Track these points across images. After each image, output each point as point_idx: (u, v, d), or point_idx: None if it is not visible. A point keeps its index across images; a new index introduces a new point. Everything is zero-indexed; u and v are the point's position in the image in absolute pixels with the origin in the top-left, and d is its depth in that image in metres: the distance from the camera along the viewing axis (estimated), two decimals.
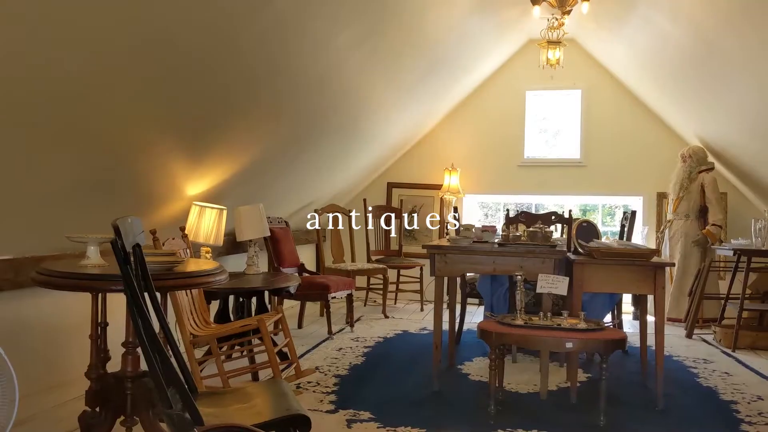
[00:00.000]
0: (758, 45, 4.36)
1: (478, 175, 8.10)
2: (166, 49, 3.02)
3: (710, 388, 4.41)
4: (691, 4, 4.71)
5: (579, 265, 4.04)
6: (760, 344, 5.69)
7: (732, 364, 5.13)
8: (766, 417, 3.80)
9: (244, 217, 4.97)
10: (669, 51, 5.73)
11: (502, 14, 6.19)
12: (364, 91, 5.40)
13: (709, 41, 4.94)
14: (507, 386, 4.28)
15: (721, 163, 7.03)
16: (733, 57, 4.82)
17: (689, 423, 3.71)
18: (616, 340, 3.52)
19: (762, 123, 5.36)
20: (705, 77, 5.60)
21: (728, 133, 6.24)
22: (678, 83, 6.32)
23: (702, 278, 6.42)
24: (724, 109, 5.84)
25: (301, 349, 5.18)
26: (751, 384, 4.53)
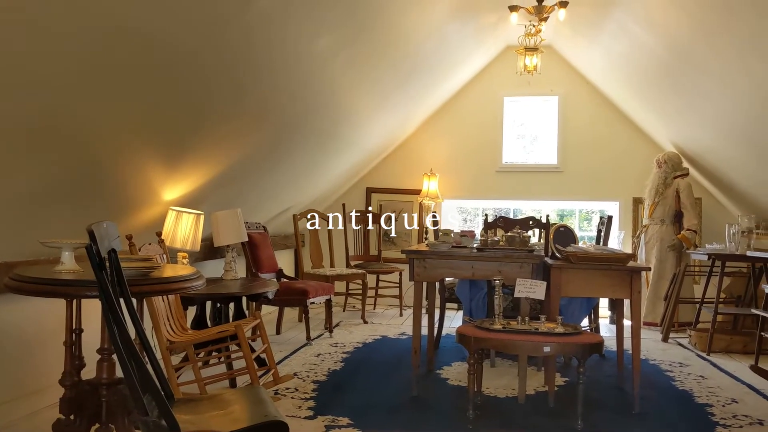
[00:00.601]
0: (731, 53, 4.44)
1: (456, 180, 8.13)
2: (142, 53, 2.99)
3: (686, 392, 4.46)
4: (664, 13, 4.77)
5: (556, 270, 4.06)
6: (734, 348, 5.77)
7: (707, 367, 5.19)
8: (741, 420, 3.85)
9: (222, 222, 4.93)
10: (644, 58, 5.80)
11: (480, 20, 6.23)
12: (344, 95, 5.40)
13: (682, 49, 5.01)
14: (485, 391, 4.29)
15: (695, 168, 7.13)
16: (707, 64, 4.89)
17: (665, 426, 3.75)
18: (593, 344, 3.54)
19: (735, 129, 5.44)
20: (679, 84, 5.68)
21: (702, 139, 6.33)
22: (653, 90, 6.41)
23: (677, 282, 6.49)
24: (698, 116, 5.92)
25: (279, 355, 5.15)
26: (725, 387, 4.58)
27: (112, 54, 2.85)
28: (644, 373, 4.65)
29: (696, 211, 6.96)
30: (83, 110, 3.04)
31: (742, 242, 5.85)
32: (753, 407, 4.10)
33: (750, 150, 5.50)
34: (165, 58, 3.16)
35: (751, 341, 5.60)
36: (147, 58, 3.05)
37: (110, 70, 2.94)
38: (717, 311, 5.73)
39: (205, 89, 3.70)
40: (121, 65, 2.96)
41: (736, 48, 4.33)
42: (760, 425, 3.76)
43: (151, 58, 3.08)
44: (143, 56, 3.01)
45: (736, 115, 5.18)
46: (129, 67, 3.01)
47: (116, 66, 2.94)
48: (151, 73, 3.18)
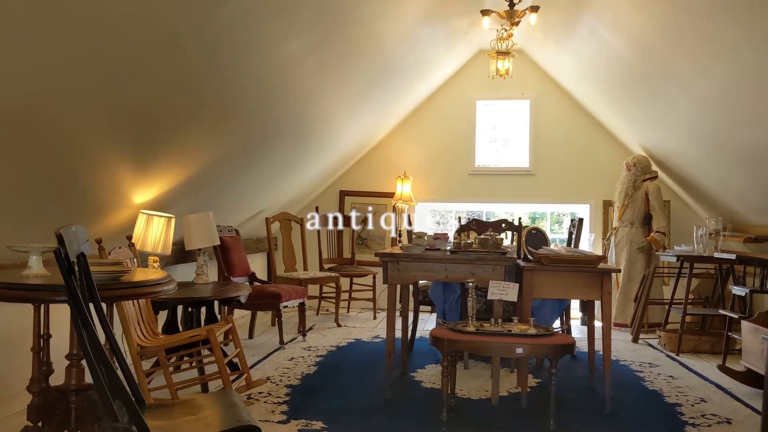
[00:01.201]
0: (697, 58, 4.52)
1: (430, 183, 8.16)
2: (112, 51, 2.95)
3: (655, 391, 4.52)
4: (633, 19, 4.85)
5: (529, 272, 4.10)
6: (703, 348, 5.87)
7: (676, 367, 5.27)
8: (709, 419, 3.92)
9: (193, 226, 4.89)
10: (613, 63, 5.88)
11: (452, 24, 6.27)
12: (316, 98, 5.39)
13: (651, 54, 5.09)
14: (459, 393, 4.30)
15: (664, 171, 7.25)
16: (674, 70, 4.98)
17: (636, 426, 3.80)
18: (565, 345, 3.58)
19: (702, 133, 5.54)
20: (648, 88, 5.77)
21: (670, 142, 6.43)
22: (622, 94, 6.50)
23: (647, 284, 6.59)
24: (666, 120, 6.02)
25: (252, 360, 5.12)
26: (694, 387, 4.66)
27: (80, 54, 2.81)
28: (615, 373, 4.70)
29: (665, 214, 7.07)
30: (50, 111, 2.99)
31: (709, 244, 5.95)
32: (721, 406, 4.17)
33: (716, 153, 5.60)
34: (135, 59, 3.12)
35: (719, 341, 5.70)
36: (116, 58, 3.02)
37: (78, 70, 2.90)
38: (685, 312, 5.83)
39: (177, 91, 3.67)
40: (90, 65, 2.93)
41: (701, 54, 4.41)
42: (728, 424, 3.83)
43: (121, 58, 3.04)
44: (112, 56, 2.98)
45: (703, 120, 5.28)
46: (97, 67, 2.97)
47: (84, 66, 2.90)
48: (120, 73, 3.15)
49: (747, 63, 4.03)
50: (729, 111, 4.76)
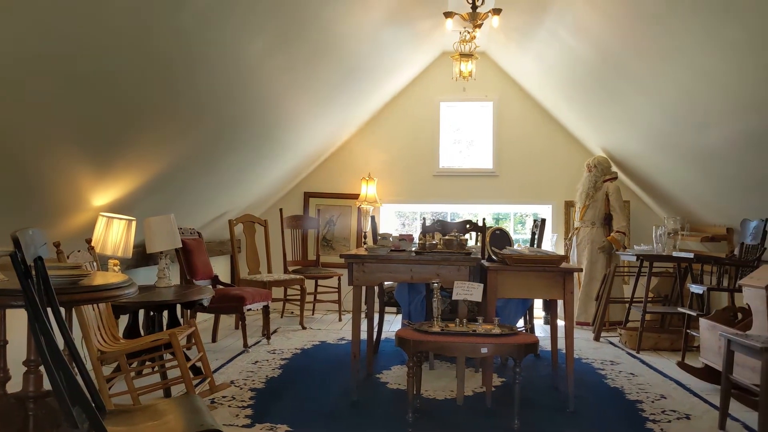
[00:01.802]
0: (656, 61, 4.61)
1: (394, 184, 8.18)
2: (67, 51, 2.89)
3: (617, 389, 4.60)
4: (594, 22, 4.92)
5: (493, 272, 4.13)
6: (662, 345, 5.98)
7: (637, 365, 5.37)
8: (669, 414, 3.99)
9: (155, 228, 4.82)
10: (573, 65, 5.97)
11: (416, 26, 6.29)
12: (279, 99, 5.35)
13: (610, 57, 5.18)
14: (424, 393, 4.32)
15: (624, 172, 7.38)
16: (634, 72, 5.07)
17: (598, 423, 3.85)
18: (529, 345, 3.61)
19: (660, 135, 5.66)
20: (608, 91, 5.87)
21: (629, 144, 6.55)
22: (583, 96, 6.60)
23: (608, 283, 6.69)
24: (626, 122, 6.13)
25: (215, 363, 5.06)
26: (654, 383, 4.74)
27: (32, 54, 2.74)
28: (578, 371, 4.77)
29: (624, 214, 7.20)
30: (4, 111, 2.92)
31: (668, 243, 6.07)
32: (680, 402, 4.26)
33: (673, 154, 5.72)
34: (93, 58, 3.06)
35: (678, 339, 5.82)
36: (72, 57, 2.95)
37: (30, 70, 2.83)
38: (645, 310, 5.93)
39: (136, 91, 3.61)
40: (45, 64, 2.86)
41: (659, 57, 4.50)
42: (687, 419, 3.91)
43: (78, 57, 2.98)
44: (68, 55, 2.91)
45: (661, 121, 5.39)
46: (51, 66, 2.91)
47: (36, 66, 2.83)
48: (78, 73, 3.08)
49: (702, 66, 4.13)
50: (685, 113, 4.86)
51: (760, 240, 4.94)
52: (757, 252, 4.99)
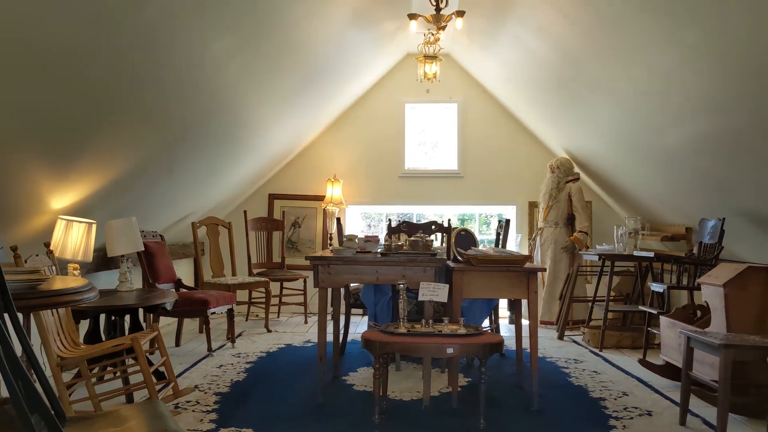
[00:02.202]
0: (615, 62, 4.69)
1: (360, 185, 8.17)
2: (24, 48, 2.82)
3: (581, 387, 4.66)
4: (556, 24, 4.99)
5: (458, 273, 4.15)
6: (624, 343, 6.08)
7: (599, 362, 5.44)
8: (631, 411, 4.06)
9: (116, 232, 4.74)
10: (536, 67, 6.04)
11: (380, 28, 6.30)
12: (242, 100, 5.30)
13: (572, 59, 5.25)
14: (391, 394, 4.32)
15: (586, 173, 7.49)
16: (594, 74, 5.15)
17: (562, 421, 3.90)
18: (494, 344, 3.64)
19: (620, 136, 5.75)
20: (570, 93, 5.95)
21: (591, 145, 6.65)
22: (545, 98, 6.68)
23: (571, 282, 6.78)
24: (588, 123, 6.22)
25: (179, 368, 4.99)
26: (617, 381, 4.82)
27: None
28: (542, 370, 4.82)
29: (587, 214, 7.31)
30: None
31: (629, 243, 6.18)
32: (642, 399, 4.33)
33: (634, 155, 5.83)
34: (51, 57, 2.99)
35: (640, 336, 5.93)
36: (30, 54, 2.88)
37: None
38: (608, 309, 6.03)
39: (96, 91, 3.54)
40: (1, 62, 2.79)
41: (619, 59, 4.58)
42: (649, 416, 3.97)
43: (35, 55, 2.91)
44: (25, 52, 2.84)
45: (621, 123, 5.48)
46: (8, 64, 2.83)
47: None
48: (36, 71, 3.01)
49: (659, 67, 4.21)
50: (643, 114, 4.95)
51: (718, 239, 5.06)
52: (715, 251, 5.11)
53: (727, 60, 3.54)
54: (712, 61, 3.68)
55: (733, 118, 3.93)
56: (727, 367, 3.41)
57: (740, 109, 3.81)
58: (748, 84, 3.55)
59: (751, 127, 3.84)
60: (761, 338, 3.66)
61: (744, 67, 3.47)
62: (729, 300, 4.15)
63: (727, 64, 3.58)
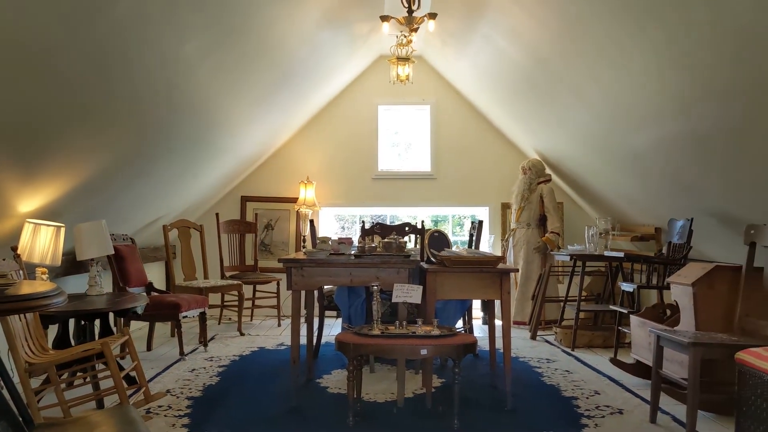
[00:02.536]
0: (583, 64, 4.74)
1: (333, 187, 8.15)
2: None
3: (553, 386, 4.70)
4: (526, 27, 5.03)
5: (432, 274, 4.16)
6: (596, 342, 6.15)
7: (572, 362, 5.50)
8: (603, 410, 4.10)
9: (85, 235, 4.67)
10: (508, 69, 6.08)
11: (353, 30, 6.29)
12: (213, 101, 5.26)
13: (542, 61, 5.30)
14: (365, 396, 4.31)
15: (557, 174, 7.56)
16: (565, 76, 5.20)
17: (535, 420, 3.93)
18: (467, 345, 3.66)
19: (589, 137, 5.82)
20: (540, 95, 6.00)
21: (562, 146, 6.72)
22: (517, 100, 6.73)
23: (543, 283, 6.84)
24: (558, 125, 6.28)
25: (150, 372, 4.93)
26: (588, 380, 4.87)
27: None
28: (515, 370, 4.85)
29: (558, 215, 7.38)
30: None
31: (600, 243, 6.25)
32: (613, 397, 4.38)
33: (604, 157, 5.90)
34: (18, 55, 2.94)
35: (611, 336, 6.00)
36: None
37: None
38: (579, 309, 6.09)
39: (65, 92, 3.48)
40: None
41: (591, 61, 4.63)
42: (620, 414, 4.02)
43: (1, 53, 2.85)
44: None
45: (591, 124, 5.54)
46: None
47: None
48: (1, 70, 2.95)
49: (625, 69, 4.27)
50: (616, 116, 5.02)
51: (687, 239, 5.14)
52: (684, 250, 5.19)
53: (692, 63, 3.60)
54: (677, 64, 3.74)
55: (699, 118, 4.00)
56: (696, 365, 3.47)
57: (706, 111, 3.88)
58: (713, 85, 3.61)
59: (717, 127, 3.91)
60: (729, 336, 3.72)
61: (709, 70, 3.53)
62: (697, 299, 4.22)
63: (691, 66, 3.64)
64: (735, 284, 4.13)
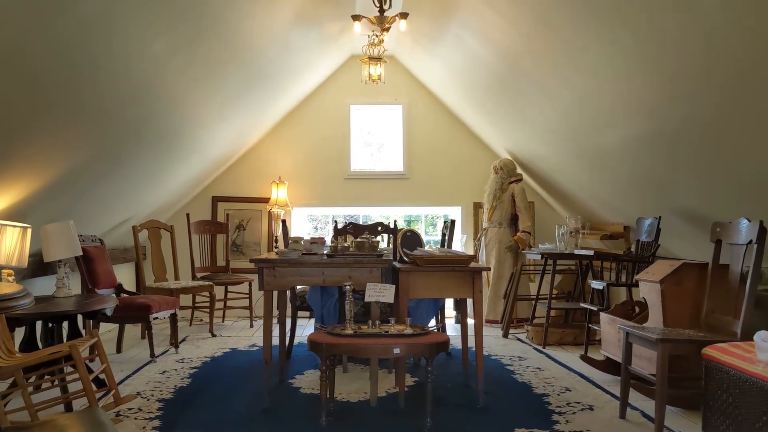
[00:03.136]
0: (552, 65, 4.79)
1: (306, 187, 8.12)
2: None
3: (525, 383, 4.74)
4: (496, 28, 5.06)
5: (404, 273, 4.17)
6: (566, 340, 6.22)
7: (543, 359, 5.55)
8: (574, 406, 4.15)
9: (52, 236, 4.60)
10: (479, 69, 6.12)
11: (324, 29, 6.28)
12: (183, 100, 5.21)
13: (513, 62, 5.34)
14: (338, 396, 4.30)
15: (528, 174, 7.63)
16: (533, 76, 5.25)
17: (507, 417, 3.95)
18: (440, 343, 3.67)
19: (559, 137, 5.88)
20: (511, 95, 6.05)
21: (533, 146, 6.78)
22: (488, 100, 6.77)
23: (515, 281, 6.90)
24: (529, 125, 6.34)
25: (120, 375, 4.87)
26: (559, 377, 4.92)
27: None
28: (487, 368, 4.88)
29: (530, 214, 7.44)
30: None
31: (570, 242, 6.32)
32: (584, 394, 4.43)
33: (573, 156, 5.96)
34: None
35: (581, 333, 6.06)
36: None
37: None
38: (550, 307, 6.15)
39: (30, 90, 3.42)
40: None
41: (561, 61, 4.68)
42: (591, 410, 4.07)
43: None
44: None
45: (560, 125, 5.60)
46: None
47: None
48: None
49: (594, 70, 4.32)
50: (586, 116, 5.08)
51: (655, 237, 5.22)
52: (652, 248, 5.27)
53: (659, 63, 3.66)
54: (644, 65, 3.79)
55: (667, 119, 4.06)
56: (664, 361, 3.52)
57: (673, 112, 3.94)
58: (680, 86, 3.67)
59: (684, 128, 3.98)
60: (696, 332, 3.79)
61: (675, 71, 3.59)
62: (665, 296, 4.29)
63: (659, 68, 3.70)
64: (701, 281, 4.20)
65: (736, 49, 3.08)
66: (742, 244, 3.63)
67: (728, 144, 3.76)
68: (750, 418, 2.85)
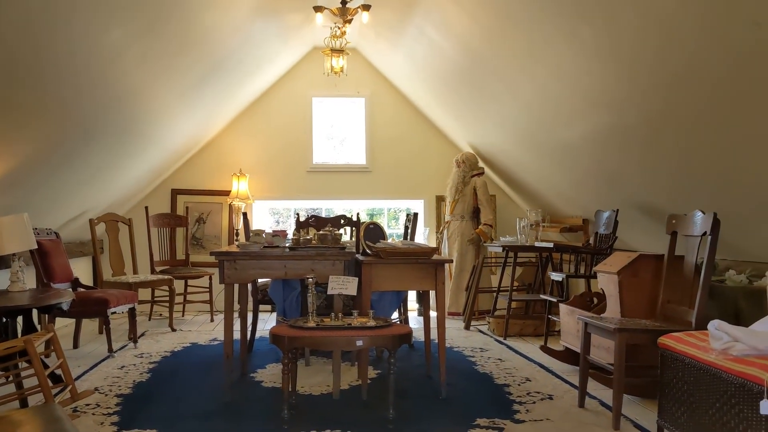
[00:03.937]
0: (514, 59, 4.84)
1: (267, 180, 8.06)
2: None
3: (486, 374, 4.79)
4: (459, 21, 5.09)
5: (367, 266, 4.17)
6: (527, 331, 6.30)
7: (504, 350, 5.61)
8: (534, 396, 4.21)
9: (6, 229, 4.47)
10: (441, 63, 6.14)
11: (285, 20, 6.22)
12: (141, 91, 5.11)
13: (475, 55, 5.37)
14: (300, 390, 4.29)
15: (490, 167, 7.69)
16: (496, 71, 5.29)
17: (469, 408, 3.99)
18: (403, 335, 3.68)
19: (519, 131, 5.95)
20: (473, 89, 6.08)
21: (494, 140, 6.84)
22: (450, 93, 6.80)
23: (476, 274, 6.96)
24: (491, 119, 6.39)
25: (77, 370, 4.77)
26: (520, 367, 4.98)
27: None
28: (449, 360, 4.92)
29: (491, 207, 7.51)
30: None
31: (530, 234, 6.39)
32: (543, 384, 4.50)
33: (534, 150, 6.04)
34: None
35: (541, 324, 6.15)
36: None
37: None
38: (511, 298, 6.22)
39: None
40: None
41: (523, 56, 4.73)
42: (550, 399, 4.13)
43: None
44: None
45: (521, 118, 5.66)
46: None
47: None
48: None
49: (555, 65, 4.38)
50: (548, 111, 5.14)
51: (612, 229, 5.31)
52: (610, 240, 5.36)
53: (617, 58, 3.72)
54: (602, 59, 3.85)
55: (624, 113, 4.14)
56: (621, 350, 3.59)
57: (630, 105, 4.02)
58: (636, 80, 3.74)
59: (639, 122, 4.05)
60: (652, 322, 3.87)
61: (632, 65, 3.65)
62: (622, 287, 4.37)
63: (616, 62, 3.76)
64: (658, 272, 4.29)
65: (687, 45, 3.15)
66: (697, 236, 3.71)
67: (679, 137, 3.84)
68: (704, 405, 2.92)
